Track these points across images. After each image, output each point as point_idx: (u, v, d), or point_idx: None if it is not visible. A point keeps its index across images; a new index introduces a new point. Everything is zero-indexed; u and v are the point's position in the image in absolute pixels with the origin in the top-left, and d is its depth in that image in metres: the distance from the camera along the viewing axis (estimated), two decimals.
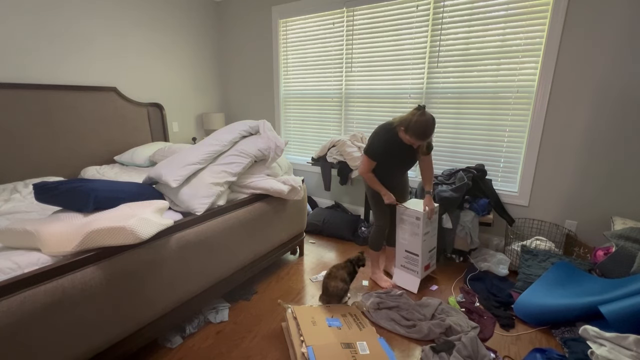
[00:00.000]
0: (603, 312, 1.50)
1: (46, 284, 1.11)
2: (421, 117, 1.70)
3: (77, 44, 2.66)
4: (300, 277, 2.30)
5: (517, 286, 2.04)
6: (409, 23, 2.72)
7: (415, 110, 1.75)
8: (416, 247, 2.07)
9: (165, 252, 1.47)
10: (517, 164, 2.52)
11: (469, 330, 1.68)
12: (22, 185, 2.17)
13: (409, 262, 2.14)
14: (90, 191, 1.41)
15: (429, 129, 1.71)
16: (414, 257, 2.10)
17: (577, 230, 2.36)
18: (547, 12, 2.20)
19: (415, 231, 2.05)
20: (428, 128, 1.71)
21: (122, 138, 2.98)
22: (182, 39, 3.47)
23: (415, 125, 1.71)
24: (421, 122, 1.70)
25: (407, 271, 2.17)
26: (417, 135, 1.73)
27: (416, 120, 1.70)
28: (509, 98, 2.44)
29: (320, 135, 3.45)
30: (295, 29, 3.35)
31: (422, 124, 1.70)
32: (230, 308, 1.93)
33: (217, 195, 1.78)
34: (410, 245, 2.10)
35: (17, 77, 2.36)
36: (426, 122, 1.70)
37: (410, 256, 2.12)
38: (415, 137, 1.74)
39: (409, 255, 2.13)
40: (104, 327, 1.28)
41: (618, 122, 2.11)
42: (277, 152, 2.05)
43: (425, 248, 2.09)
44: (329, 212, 3.07)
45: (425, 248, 2.08)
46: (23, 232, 1.25)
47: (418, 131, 1.71)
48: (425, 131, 1.71)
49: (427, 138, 1.76)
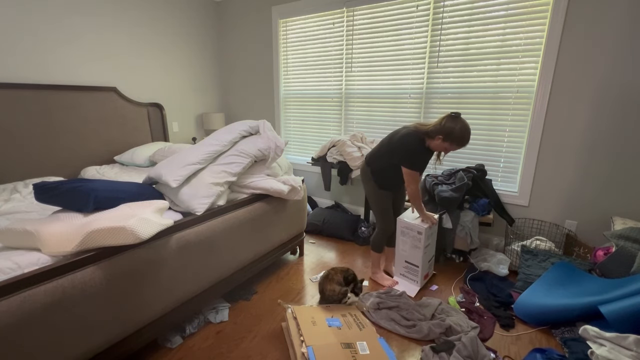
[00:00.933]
0: (603, 312, 1.50)
1: (46, 284, 1.11)
2: (463, 124, 1.75)
3: (77, 44, 2.66)
4: (300, 277, 2.30)
5: (517, 286, 2.04)
6: (409, 23, 2.72)
7: (452, 118, 1.77)
8: (417, 259, 2.08)
9: (165, 252, 1.47)
10: (517, 164, 2.52)
11: (469, 330, 1.68)
12: (22, 185, 2.17)
13: (409, 272, 2.15)
14: (90, 191, 1.41)
15: (469, 134, 1.78)
16: (414, 267, 2.11)
17: (577, 230, 2.36)
18: (547, 12, 2.20)
19: (416, 245, 2.05)
20: (469, 134, 1.77)
21: (122, 138, 2.98)
22: (182, 39, 3.47)
23: (459, 133, 1.74)
24: (465, 129, 1.75)
25: (406, 280, 2.18)
26: (461, 142, 1.78)
27: (460, 128, 1.74)
28: (509, 98, 2.44)
29: (320, 135, 3.45)
30: (295, 29, 3.35)
31: (466, 132, 1.75)
32: (230, 308, 1.93)
33: (217, 195, 1.78)
34: (411, 256, 2.11)
35: (17, 77, 2.36)
36: (468, 130, 1.76)
37: (410, 266, 2.13)
38: (457, 144, 1.79)
39: (409, 266, 2.14)
40: (104, 327, 1.28)
41: (618, 122, 2.11)
42: (277, 152, 2.04)
43: (425, 259, 2.10)
44: (329, 212, 3.07)
45: (425, 259, 2.09)
46: (23, 232, 1.25)
47: (463, 139, 1.76)
48: (469, 138, 1.78)
49: (465, 144, 1.80)
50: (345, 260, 2.54)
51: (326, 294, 1.86)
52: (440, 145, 1.81)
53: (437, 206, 2.34)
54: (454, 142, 1.77)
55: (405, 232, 2.09)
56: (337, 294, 1.84)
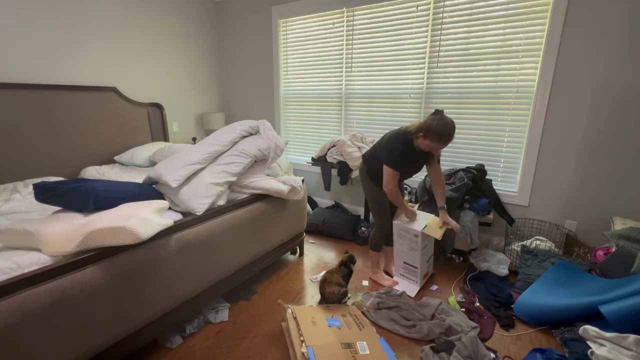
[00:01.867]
0: (603, 312, 1.50)
1: (46, 284, 1.11)
2: (441, 120, 1.67)
3: (77, 44, 2.66)
4: (300, 277, 2.30)
5: (517, 286, 2.04)
6: (409, 23, 2.72)
7: (433, 115, 1.71)
8: (415, 260, 2.08)
9: (165, 252, 1.47)
10: (517, 164, 2.52)
11: (469, 330, 1.68)
12: (22, 185, 2.17)
13: (408, 272, 2.15)
14: (90, 191, 1.41)
15: (451, 131, 1.67)
16: (413, 268, 2.11)
17: (577, 230, 2.36)
18: (547, 12, 2.20)
19: (413, 247, 2.05)
20: (451, 130, 1.67)
21: (122, 138, 2.98)
22: (182, 39, 3.47)
23: (437, 129, 1.67)
24: (443, 125, 1.66)
25: (406, 280, 2.18)
26: (440, 138, 1.68)
27: (437, 124, 1.67)
28: (509, 98, 2.44)
29: (320, 135, 3.45)
30: (295, 29, 3.35)
31: (444, 127, 1.66)
32: (230, 308, 1.93)
33: (217, 195, 1.78)
34: (409, 257, 2.11)
35: (17, 77, 2.36)
36: (448, 125, 1.66)
37: (408, 267, 2.13)
38: (437, 141, 1.69)
39: (408, 267, 2.14)
40: (104, 327, 1.28)
41: (618, 122, 2.11)
42: (277, 152, 2.04)
43: (424, 259, 2.10)
44: (329, 212, 3.07)
45: (423, 259, 2.09)
46: (23, 232, 1.25)
47: (441, 135, 1.67)
48: (449, 134, 1.67)
49: (449, 141, 1.70)
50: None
51: (327, 297, 1.88)
52: (423, 143, 1.75)
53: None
54: (434, 139, 1.69)
55: (402, 235, 2.09)
56: (337, 295, 1.86)
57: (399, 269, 2.19)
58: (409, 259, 2.11)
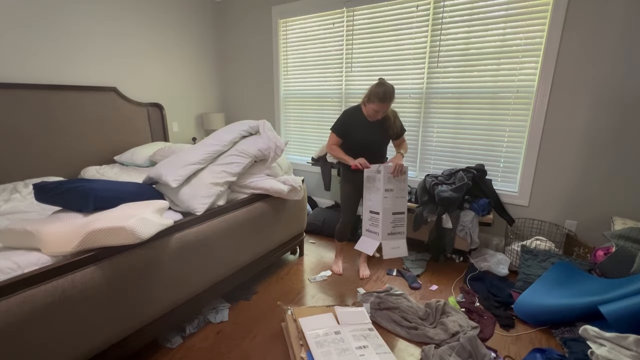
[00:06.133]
0: (603, 312, 1.50)
1: (46, 284, 1.11)
2: (380, 85, 1.87)
3: (77, 44, 2.66)
4: (300, 277, 2.30)
5: (517, 286, 2.04)
6: (409, 23, 2.72)
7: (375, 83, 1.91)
8: (377, 205, 1.95)
9: (165, 252, 1.47)
10: (517, 164, 2.52)
11: (469, 330, 1.68)
12: (22, 185, 2.17)
13: (373, 225, 2.00)
14: (90, 191, 1.41)
15: (388, 91, 1.85)
16: (376, 216, 1.97)
17: (577, 230, 2.36)
18: (547, 12, 2.20)
19: (377, 186, 1.94)
20: (387, 90, 1.85)
21: (122, 138, 2.98)
22: (182, 39, 3.47)
23: (375, 91, 1.87)
24: (380, 85, 1.86)
25: (369, 235, 2.03)
26: (379, 98, 1.85)
27: (376, 88, 1.87)
28: (509, 98, 2.44)
29: (320, 135, 3.45)
30: (296, 29, 3.35)
31: (381, 87, 1.86)
32: (230, 308, 1.93)
33: (217, 195, 1.78)
34: (374, 204, 1.98)
35: (17, 77, 2.36)
36: (385, 86, 1.86)
37: (373, 217, 1.99)
38: (378, 102, 1.86)
39: (373, 216, 2.00)
40: (104, 327, 1.28)
41: (618, 122, 2.11)
42: (277, 152, 2.04)
43: (388, 208, 1.96)
44: (329, 212, 3.07)
45: (387, 207, 1.95)
46: (23, 232, 1.25)
47: (379, 94, 1.85)
48: (386, 93, 1.84)
49: (389, 101, 1.87)
50: (345, 260, 2.53)
51: None
52: (370, 108, 1.93)
53: (437, 206, 2.34)
54: (375, 100, 1.87)
55: (368, 177, 1.99)
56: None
57: (366, 222, 2.05)
58: (374, 206, 1.98)
